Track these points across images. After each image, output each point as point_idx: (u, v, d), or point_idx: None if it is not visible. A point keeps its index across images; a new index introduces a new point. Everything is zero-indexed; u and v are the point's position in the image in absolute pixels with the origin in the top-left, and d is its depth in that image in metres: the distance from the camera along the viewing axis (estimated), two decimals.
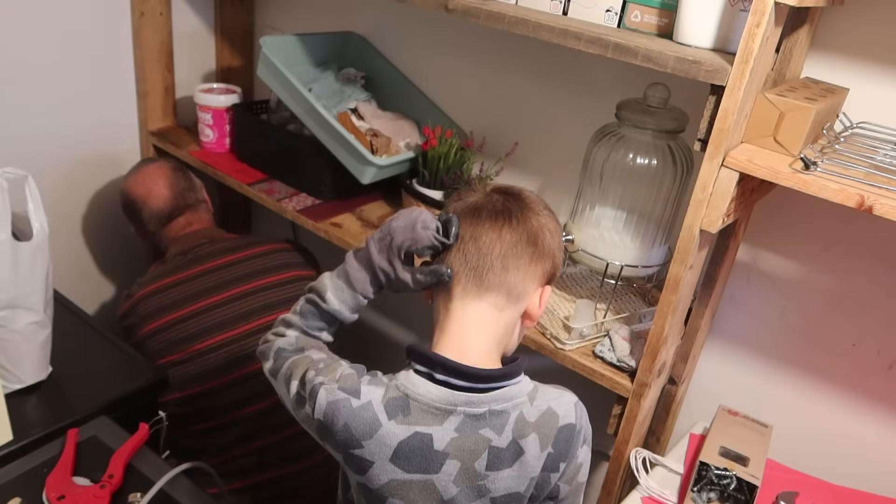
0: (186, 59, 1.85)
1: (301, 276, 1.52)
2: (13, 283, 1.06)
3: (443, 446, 0.82)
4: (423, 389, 0.83)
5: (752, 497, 1.07)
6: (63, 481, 0.98)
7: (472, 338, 0.86)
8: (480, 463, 0.83)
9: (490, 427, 0.83)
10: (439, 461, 0.82)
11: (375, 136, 1.52)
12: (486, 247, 0.85)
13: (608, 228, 1.23)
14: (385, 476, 0.82)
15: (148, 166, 1.63)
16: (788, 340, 1.26)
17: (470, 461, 0.83)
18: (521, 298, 0.87)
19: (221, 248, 1.50)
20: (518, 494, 0.85)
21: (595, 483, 1.63)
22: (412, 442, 0.81)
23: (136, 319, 1.43)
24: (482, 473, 0.83)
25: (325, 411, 0.83)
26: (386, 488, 0.83)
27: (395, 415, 0.82)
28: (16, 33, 1.52)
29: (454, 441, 0.82)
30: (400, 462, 0.82)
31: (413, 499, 0.83)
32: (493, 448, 0.83)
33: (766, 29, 0.87)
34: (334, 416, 0.83)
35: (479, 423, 0.83)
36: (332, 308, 0.92)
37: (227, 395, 1.39)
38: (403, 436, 0.81)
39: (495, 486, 0.84)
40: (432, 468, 0.82)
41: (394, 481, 0.82)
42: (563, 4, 1.13)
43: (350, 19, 1.72)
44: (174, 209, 1.58)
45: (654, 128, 1.15)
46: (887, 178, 0.89)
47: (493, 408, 0.83)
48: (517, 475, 0.84)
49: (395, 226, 0.88)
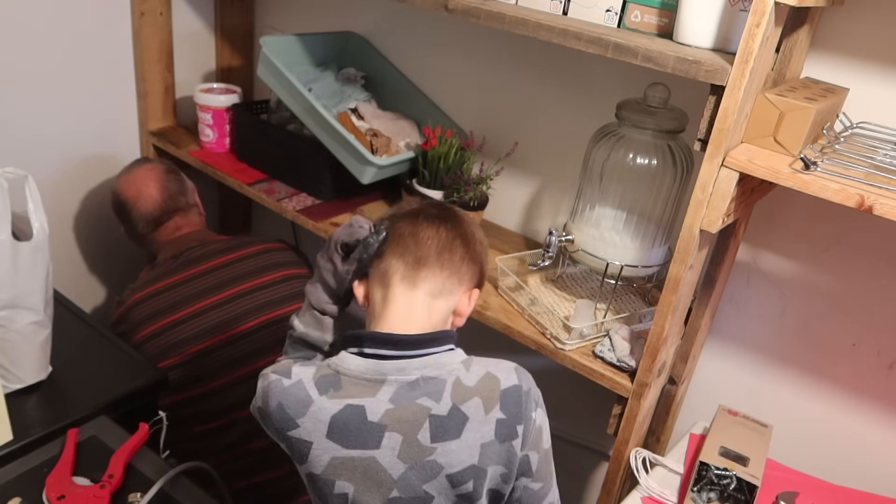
0: (186, 59, 1.85)
1: (294, 275, 1.52)
2: (13, 283, 1.06)
3: (377, 417, 0.82)
4: (353, 364, 0.85)
5: (752, 497, 1.07)
6: (63, 481, 0.98)
7: (408, 319, 0.88)
8: (424, 434, 0.82)
9: (426, 395, 0.83)
10: (377, 434, 0.82)
11: (375, 136, 1.52)
12: (424, 241, 0.90)
13: (608, 228, 1.23)
14: (326, 455, 0.82)
15: (140, 167, 1.62)
16: (788, 340, 1.26)
17: (412, 433, 0.82)
18: (453, 292, 0.91)
19: (213, 251, 1.50)
20: (476, 469, 0.83)
21: (595, 483, 1.63)
22: (344, 415, 0.82)
23: (129, 326, 1.42)
24: (428, 447, 0.82)
25: (260, 395, 0.87)
26: (330, 469, 0.83)
27: (325, 390, 0.83)
28: (16, 33, 1.52)
29: (390, 412, 0.82)
30: (336, 437, 0.82)
31: (360, 480, 0.83)
32: (434, 417, 0.82)
33: (766, 29, 0.87)
34: (268, 396, 0.85)
35: (413, 391, 0.83)
36: (299, 333, 0.99)
37: (226, 397, 1.39)
38: (335, 409, 0.82)
39: (447, 461, 0.82)
40: (371, 442, 0.82)
41: (335, 459, 0.82)
42: (563, 4, 1.13)
43: (350, 19, 1.72)
44: (163, 213, 1.56)
45: (654, 128, 1.15)
46: (887, 178, 0.89)
47: (426, 374, 0.84)
48: (467, 445, 0.83)
49: (334, 231, 0.97)
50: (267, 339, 1.42)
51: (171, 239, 1.56)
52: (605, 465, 1.60)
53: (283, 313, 1.46)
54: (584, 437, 1.61)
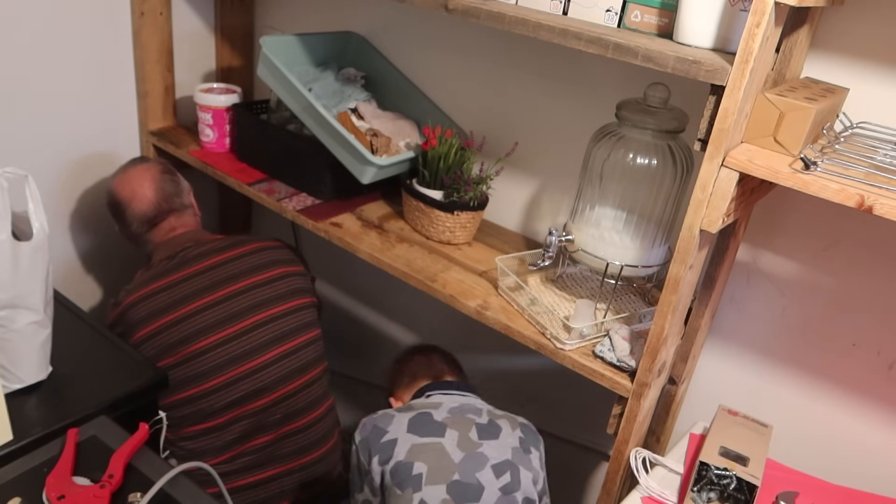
0: (186, 59, 1.85)
1: (289, 273, 1.52)
2: (13, 283, 1.06)
3: (441, 419, 1.16)
4: (416, 399, 1.26)
5: (751, 497, 1.07)
6: (63, 481, 0.98)
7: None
8: (473, 433, 1.15)
9: (471, 412, 1.19)
10: (441, 428, 1.14)
11: (375, 136, 1.52)
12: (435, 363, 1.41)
13: (608, 228, 1.23)
14: (407, 443, 1.12)
15: (136, 167, 1.61)
16: (789, 340, 1.26)
17: (465, 431, 1.15)
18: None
19: (208, 250, 1.49)
20: (511, 464, 1.13)
21: (595, 483, 1.63)
22: (418, 418, 1.16)
23: (125, 327, 1.41)
24: (476, 442, 1.13)
25: (358, 432, 1.18)
26: (410, 454, 1.11)
27: (403, 411, 1.18)
28: (16, 33, 1.52)
29: (448, 419, 1.16)
30: (413, 430, 1.14)
31: (432, 462, 1.10)
32: (478, 423, 1.16)
33: (766, 29, 0.87)
34: (364, 427, 1.17)
35: (462, 410, 1.19)
36: None
37: (224, 395, 1.39)
38: (412, 415, 1.16)
39: (490, 454, 1.12)
40: (438, 432, 1.14)
41: (414, 446, 1.11)
42: (563, 4, 1.13)
43: (350, 19, 1.72)
44: (158, 213, 1.56)
45: (654, 128, 1.15)
46: (887, 178, 0.89)
47: (465, 403, 1.21)
48: (502, 445, 1.15)
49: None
50: (264, 336, 1.43)
51: (165, 240, 1.55)
52: (605, 465, 1.60)
53: (279, 311, 1.46)
54: (584, 437, 1.61)
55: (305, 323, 1.50)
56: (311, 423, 1.49)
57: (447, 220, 1.42)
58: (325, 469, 1.53)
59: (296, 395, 1.45)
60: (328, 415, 1.55)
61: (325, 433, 1.53)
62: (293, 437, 1.47)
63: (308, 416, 1.48)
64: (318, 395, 1.51)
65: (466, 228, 1.45)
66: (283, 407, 1.44)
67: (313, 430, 1.50)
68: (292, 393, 1.45)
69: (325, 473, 1.53)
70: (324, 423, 1.53)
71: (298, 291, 1.52)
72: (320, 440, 1.51)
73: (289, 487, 1.48)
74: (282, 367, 1.43)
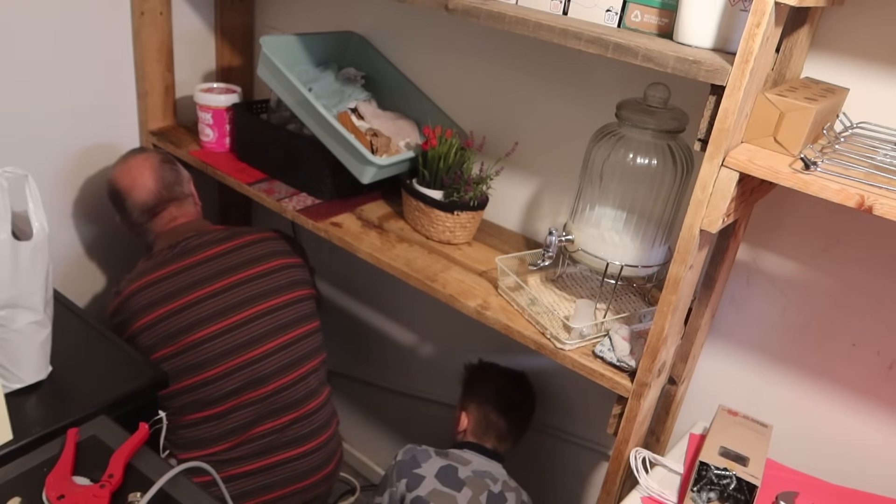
0: (186, 59, 1.85)
1: (288, 265, 1.54)
2: (13, 282, 1.06)
3: (464, 476, 1.37)
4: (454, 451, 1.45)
5: (751, 497, 1.07)
6: (63, 481, 0.98)
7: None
8: (483, 497, 1.35)
9: (489, 478, 1.39)
10: (461, 485, 1.36)
11: (375, 136, 1.52)
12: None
13: (608, 228, 1.23)
14: (431, 485, 1.35)
15: (135, 157, 1.62)
16: (788, 340, 1.26)
17: (477, 494, 1.35)
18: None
19: (209, 240, 1.51)
20: None
21: (595, 483, 1.63)
22: (446, 470, 1.38)
23: (126, 316, 1.43)
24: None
25: (400, 456, 1.41)
26: (431, 494, 1.34)
27: (440, 456, 1.41)
28: (16, 33, 1.52)
29: (469, 479, 1.37)
30: (440, 476, 1.36)
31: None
32: (490, 491, 1.37)
33: (766, 29, 0.87)
34: (406, 453, 1.41)
35: (483, 475, 1.39)
36: None
37: (223, 385, 1.40)
38: (443, 464, 1.39)
39: None
40: (457, 487, 1.35)
41: (435, 490, 1.34)
42: (563, 4, 1.13)
43: (350, 19, 1.72)
44: (158, 202, 1.57)
45: (654, 128, 1.15)
46: (887, 178, 0.89)
47: (489, 469, 1.41)
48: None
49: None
50: (263, 327, 1.44)
51: (167, 229, 1.56)
52: (604, 464, 1.60)
53: (278, 302, 1.48)
54: (584, 436, 1.61)
55: (304, 314, 1.51)
56: (310, 412, 1.50)
57: (447, 220, 1.42)
58: (325, 456, 1.54)
59: (295, 386, 1.47)
60: (327, 404, 1.57)
61: (325, 422, 1.55)
62: (293, 426, 1.48)
63: (307, 406, 1.50)
64: (317, 385, 1.53)
65: (466, 228, 1.45)
66: (283, 397, 1.45)
67: (312, 419, 1.51)
68: (291, 383, 1.46)
69: (325, 461, 1.54)
70: (323, 412, 1.54)
71: (297, 283, 1.53)
72: (320, 428, 1.53)
73: (290, 475, 1.49)
74: (281, 357, 1.45)
